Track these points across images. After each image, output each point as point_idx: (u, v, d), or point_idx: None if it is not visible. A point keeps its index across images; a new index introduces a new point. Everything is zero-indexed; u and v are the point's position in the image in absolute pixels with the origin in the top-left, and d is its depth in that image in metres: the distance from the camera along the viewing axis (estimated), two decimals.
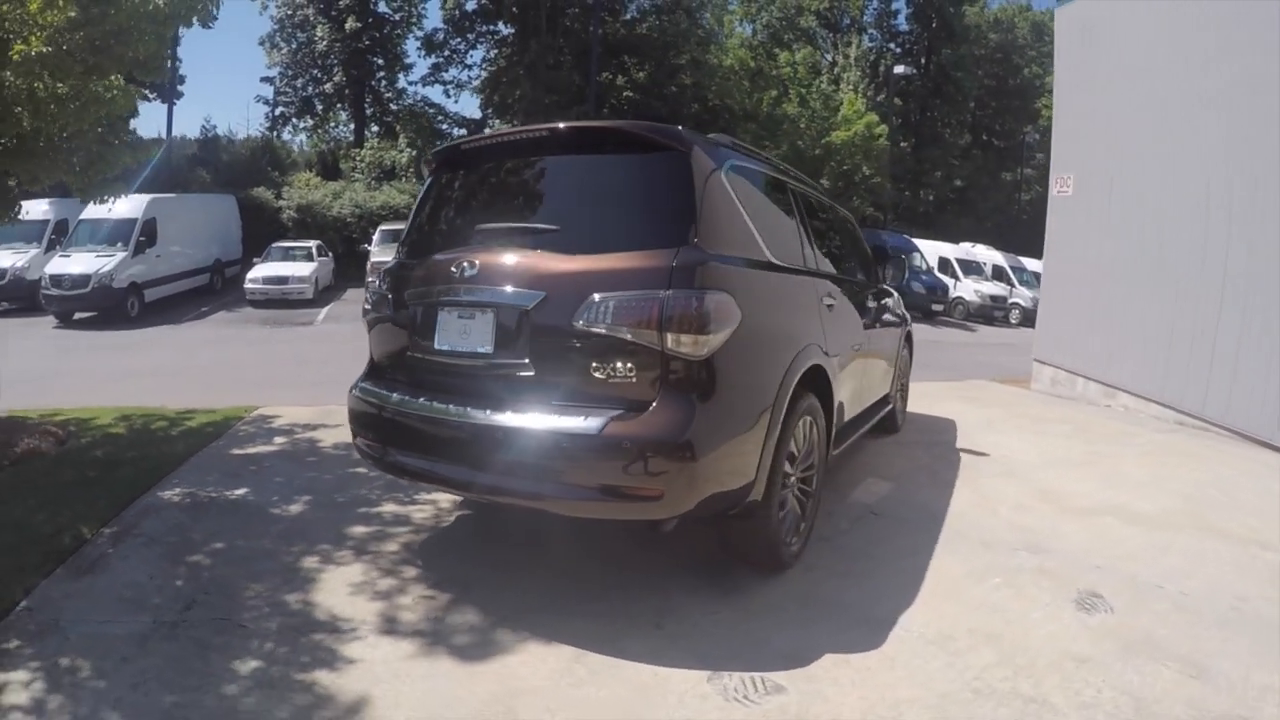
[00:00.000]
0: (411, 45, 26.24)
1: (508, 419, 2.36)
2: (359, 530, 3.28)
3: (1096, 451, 5.10)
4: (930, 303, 18.18)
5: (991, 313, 19.07)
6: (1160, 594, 2.80)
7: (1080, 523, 3.58)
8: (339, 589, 2.71)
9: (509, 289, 2.48)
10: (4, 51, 3.58)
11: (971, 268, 20.27)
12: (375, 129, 26.13)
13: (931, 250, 20.38)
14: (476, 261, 2.55)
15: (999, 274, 20.63)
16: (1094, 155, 7.19)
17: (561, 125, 2.75)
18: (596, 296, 2.31)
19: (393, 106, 26.20)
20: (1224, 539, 3.41)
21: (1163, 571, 3.01)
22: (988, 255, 21.36)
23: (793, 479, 2.87)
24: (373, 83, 25.81)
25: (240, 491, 3.79)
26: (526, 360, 2.44)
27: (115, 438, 4.84)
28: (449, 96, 40.89)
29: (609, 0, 22.84)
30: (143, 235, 13.21)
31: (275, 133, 27.07)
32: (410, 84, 26.06)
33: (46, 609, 2.52)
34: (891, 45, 32.34)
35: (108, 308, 12.34)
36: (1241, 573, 3.02)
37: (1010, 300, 19.06)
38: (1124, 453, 5.11)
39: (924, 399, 6.63)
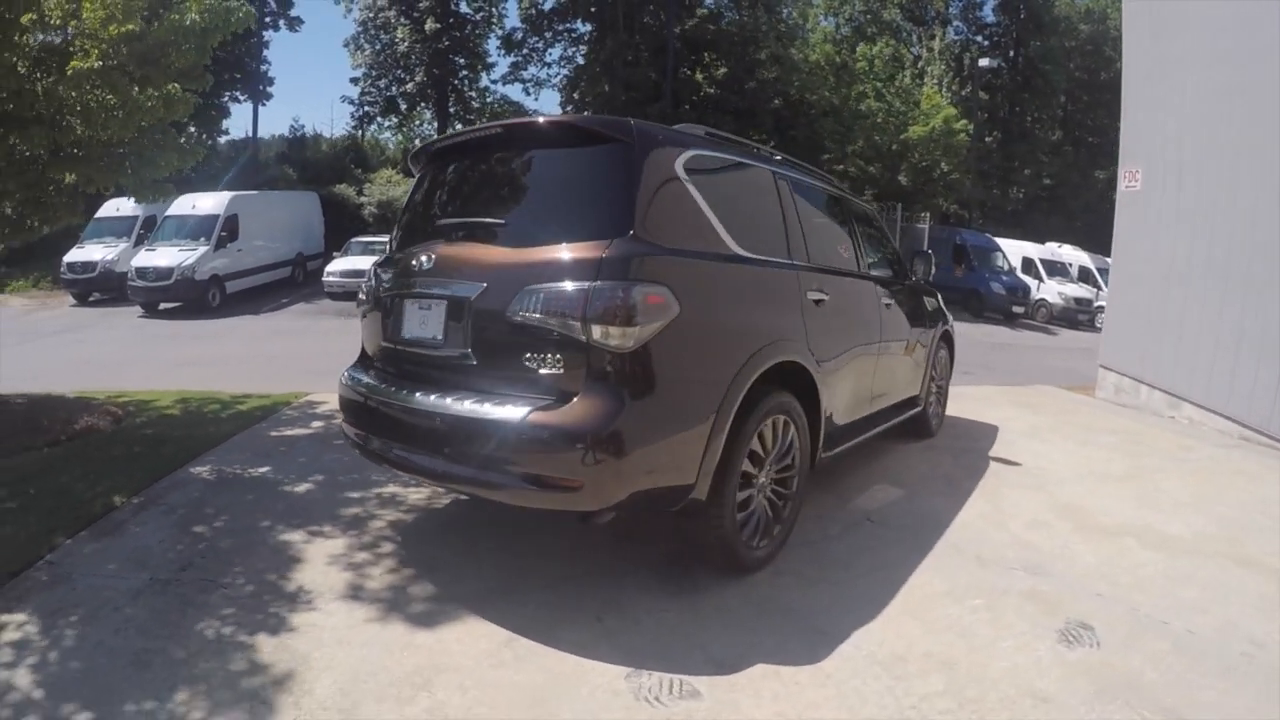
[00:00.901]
0: (494, 44, 27.04)
1: (451, 407, 2.48)
2: (355, 509, 3.50)
3: (1141, 465, 4.78)
4: (1011, 304, 17.48)
5: (1076, 316, 17.98)
6: (1162, 631, 2.59)
7: (1096, 543, 3.37)
8: (318, 560, 2.93)
9: (457, 281, 2.60)
10: (61, 66, 3.98)
11: (1056, 269, 19.20)
12: (459, 127, 26.99)
13: (1015, 250, 19.49)
14: (434, 255, 2.70)
15: (1085, 276, 19.41)
16: (1163, 148, 6.71)
17: (517, 120, 2.89)
18: (530, 287, 2.38)
19: (475, 105, 26.95)
20: (1257, 572, 3.13)
21: (1173, 605, 2.79)
22: (1074, 256, 20.12)
23: (760, 479, 2.84)
24: (455, 81, 26.61)
25: (263, 470, 4.09)
26: (469, 350, 2.56)
27: (169, 418, 5.29)
28: (529, 95, 41.76)
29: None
30: (224, 231, 14.24)
31: (360, 131, 28.54)
32: (493, 82, 26.54)
33: (64, 564, 2.85)
34: (978, 38, 30.91)
35: (190, 299, 13.38)
36: (1266, 613, 2.77)
37: (1096, 303, 17.88)
38: (1172, 468, 4.77)
39: (974, 402, 6.41)
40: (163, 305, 13.55)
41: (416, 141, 28.17)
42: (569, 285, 2.32)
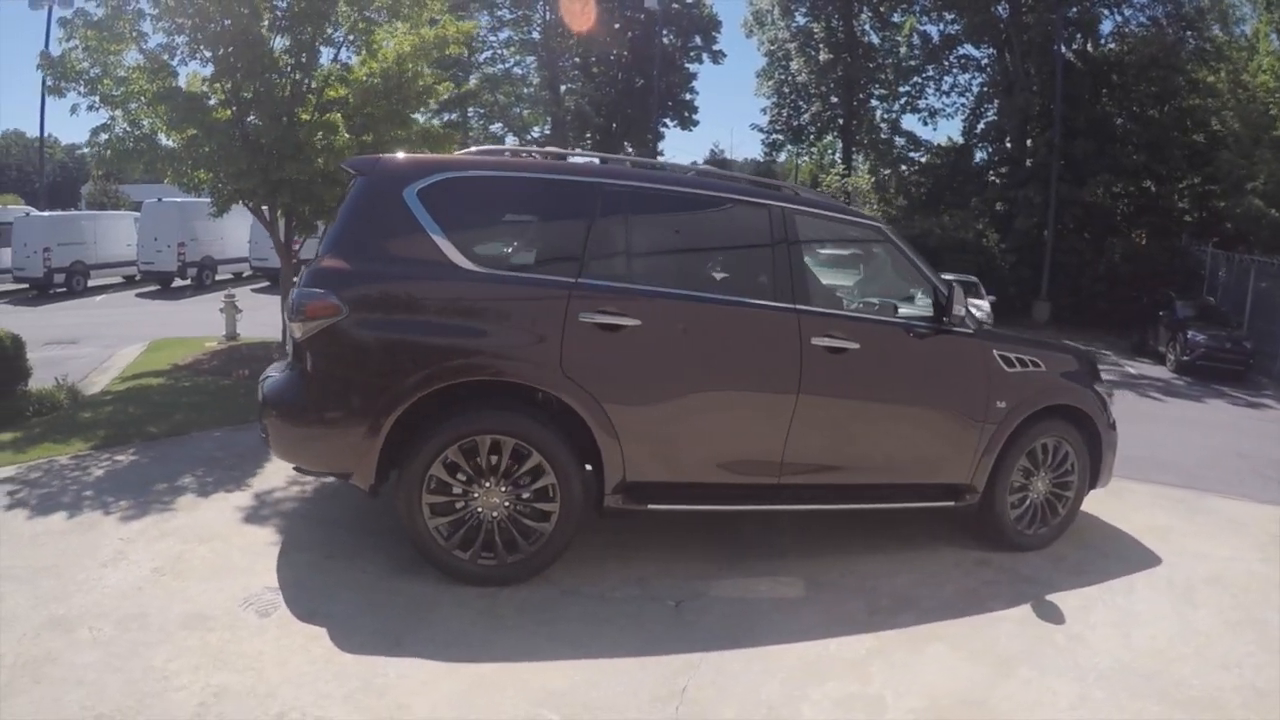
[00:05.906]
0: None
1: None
2: None
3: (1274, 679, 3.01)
4: None
5: None
6: None
7: None
8: (279, 476, 4.60)
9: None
10: (323, 114, 6.89)
11: None
12: (865, 155, 27.56)
13: None
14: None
15: None
16: None
17: (347, 160, 4.15)
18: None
19: (883, 135, 26.69)
20: None
21: None
22: None
23: (484, 497, 3.12)
24: (864, 111, 27.17)
25: None
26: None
27: None
28: (925, 124, 39.31)
29: (1080, 18, 20.09)
30: None
31: (772, 156, 31.05)
32: (900, 111, 26.37)
33: (192, 437, 5.38)
34: None
35: None
36: None
37: None
38: None
39: (1196, 519, 4.82)
40: None
41: (820, 166, 28.98)
42: (297, 285, 3.50)
